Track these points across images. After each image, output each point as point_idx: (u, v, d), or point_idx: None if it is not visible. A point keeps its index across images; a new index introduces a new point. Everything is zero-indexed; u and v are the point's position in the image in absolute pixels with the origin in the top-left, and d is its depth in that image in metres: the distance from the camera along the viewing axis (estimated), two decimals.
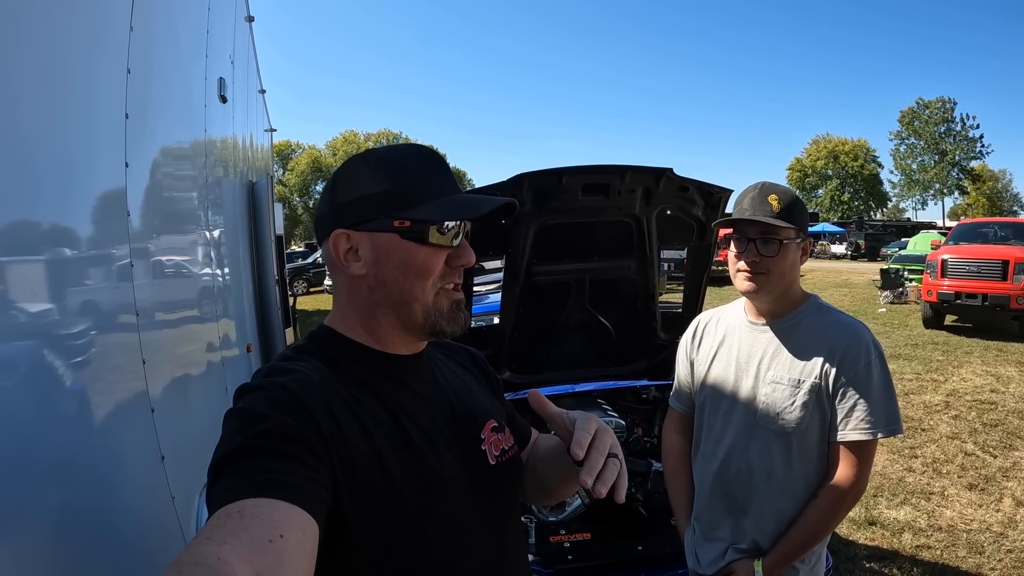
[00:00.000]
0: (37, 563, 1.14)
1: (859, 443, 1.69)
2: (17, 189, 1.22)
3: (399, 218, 1.00)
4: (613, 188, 3.21)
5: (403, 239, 1.00)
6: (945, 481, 5.20)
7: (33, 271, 1.30)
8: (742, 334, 1.88)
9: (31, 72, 1.27)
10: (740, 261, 1.76)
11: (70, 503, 1.30)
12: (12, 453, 1.11)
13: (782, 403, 1.74)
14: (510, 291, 3.44)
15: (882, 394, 1.70)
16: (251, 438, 0.81)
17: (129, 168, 1.80)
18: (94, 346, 1.58)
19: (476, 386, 1.25)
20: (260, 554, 0.67)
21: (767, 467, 1.77)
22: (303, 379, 0.93)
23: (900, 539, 4.28)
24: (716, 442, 1.88)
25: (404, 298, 1.02)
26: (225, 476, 0.78)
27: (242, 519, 0.70)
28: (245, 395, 0.91)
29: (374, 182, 1.02)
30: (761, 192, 1.75)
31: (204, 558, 0.64)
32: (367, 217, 1.01)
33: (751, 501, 1.80)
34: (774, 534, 1.78)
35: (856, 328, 1.76)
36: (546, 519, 2.79)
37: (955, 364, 9.34)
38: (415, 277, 1.01)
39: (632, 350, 3.79)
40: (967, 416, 6.84)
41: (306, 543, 0.73)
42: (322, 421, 0.88)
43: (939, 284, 11.71)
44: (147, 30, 2.02)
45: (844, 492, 1.70)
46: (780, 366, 1.77)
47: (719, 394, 1.88)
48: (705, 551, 1.91)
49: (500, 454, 1.14)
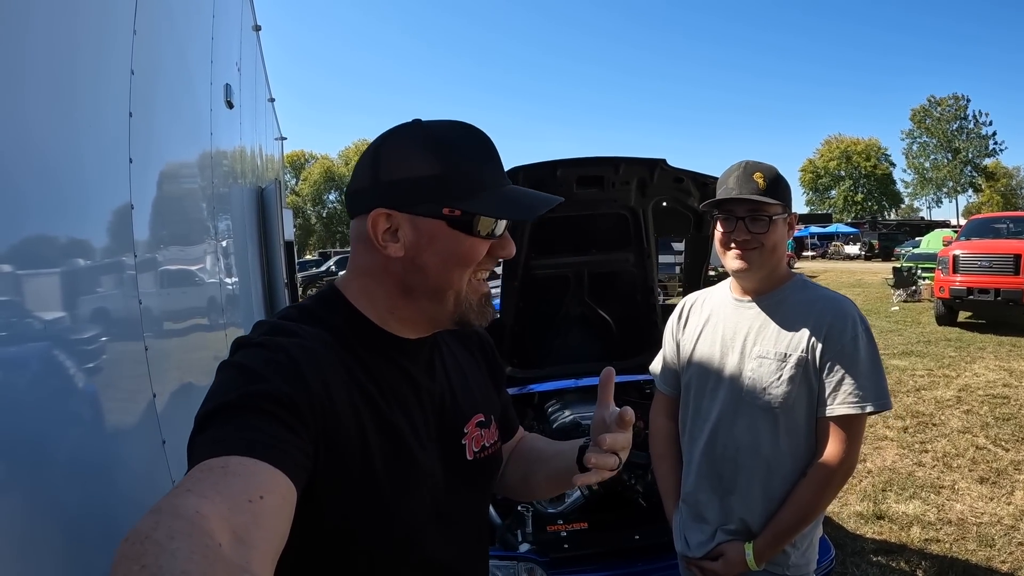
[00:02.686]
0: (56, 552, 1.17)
1: (848, 417, 1.68)
2: (24, 191, 1.24)
3: (450, 206, 0.96)
4: (608, 180, 3.23)
5: (450, 227, 0.97)
6: (956, 475, 5.16)
7: (37, 275, 1.31)
8: (727, 311, 1.88)
9: (36, 73, 1.30)
10: (730, 241, 1.77)
11: (80, 506, 1.32)
12: (25, 455, 1.13)
13: (768, 378, 1.74)
14: (509, 285, 3.46)
15: (869, 368, 1.69)
16: (244, 397, 0.80)
17: (133, 164, 1.84)
18: (100, 354, 1.60)
19: (476, 375, 1.24)
20: (238, 513, 0.66)
21: (754, 444, 1.76)
22: (304, 346, 0.92)
23: (909, 533, 4.26)
24: (703, 420, 1.87)
25: (440, 286, 1.00)
26: (212, 428, 0.78)
27: (225, 475, 0.70)
28: (244, 348, 0.91)
29: (425, 163, 0.97)
30: (745, 170, 1.76)
31: (183, 510, 0.63)
32: (415, 200, 0.97)
33: (738, 479, 1.79)
34: (762, 514, 1.77)
35: (841, 302, 1.76)
36: (545, 511, 2.81)
37: (968, 360, 9.27)
38: (455, 266, 0.99)
39: (633, 343, 3.79)
40: (979, 411, 6.78)
41: (284, 508, 0.73)
42: (315, 392, 0.87)
43: (951, 280, 11.59)
44: (151, 33, 2.07)
45: (834, 469, 1.69)
46: (766, 341, 1.77)
47: (705, 372, 1.88)
48: (693, 533, 1.89)
49: (480, 450, 1.14)
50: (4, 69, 1.18)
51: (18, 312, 1.22)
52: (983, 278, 11.21)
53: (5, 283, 1.17)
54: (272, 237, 5.50)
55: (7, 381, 1.15)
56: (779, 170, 1.79)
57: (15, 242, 1.22)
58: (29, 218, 1.28)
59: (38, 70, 1.31)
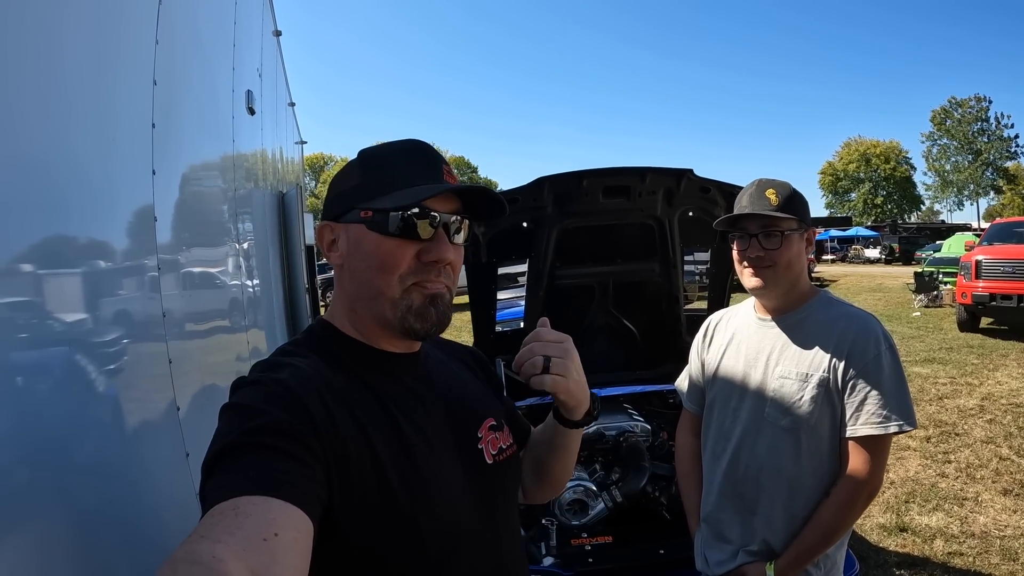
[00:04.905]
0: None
1: (871, 438, 1.65)
2: (46, 197, 1.24)
3: (365, 208, 0.99)
4: (634, 190, 3.21)
5: (369, 230, 0.99)
6: (979, 486, 5.08)
7: (60, 280, 1.31)
8: (750, 331, 1.87)
9: (63, 83, 1.31)
10: (744, 259, 1.76)
11: (98, 508, 1.32)
12: (46, 456, 1.13)
13: (790, 398, 1.72)
14: (534, 295, 3.45)
15: (893, 386, 1.66)
16: (246, 434, 0.80)
17: (156, 176, 1.85)
18: (122, 356, 1.60)
19: (476, 384, 1.24)
20: (255, 552, 0.66)
21: (776, 464, 1.74)
22: (299, 373, 0.92)
23: (932, 546, 4.19)
24: (725, 439, 1.86)
25: (371, 292, 1.01)
26: (219, 472, 0.78)
27: (236, 517, 0.70)
28: (241, 389, 0.91)
29: (353, 175, 1.05)
30: (759, 188, 1.75)
31: (199, 556, 0.63)
32: (343, 209, 1.03)
33: (760, 500, 1.77)
34: (785, 534, 1.75)
35: (865, 319, 1.74)
36: (568, 523, 2.79)
37: (991, 367, 9.14)
38: (378, 270, 0.99)
39: (658, 353, 3.77)
40: (1002, 420, 6.68)
41: (300, 541, 0.73)
42: (317, 416, 0.87)
43: (973, 286, 11.44)
44: (173, 43, 2.08)
45: (857, 490, 1.66)
46: (788, 360, 1.75)
47: (728, 391, 1.87)
48: (714, 552, 1.88)
49: (497, 452, 1.13)
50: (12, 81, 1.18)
51: (40, 324, 1.23)
52: (1006, 284, 11.06)
53: (24, 299, 1.17)
54: (293, 241, 5.52)
55: (33, 386, 1.16)
56: (793, 186, 1.77)
57: (27, 264, 1.21)
58: (38, 240, 1.25)
59: (52, 82, 1.31)
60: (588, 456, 3.14)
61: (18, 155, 1.14)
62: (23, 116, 1.16)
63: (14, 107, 1.12)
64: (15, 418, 1.04)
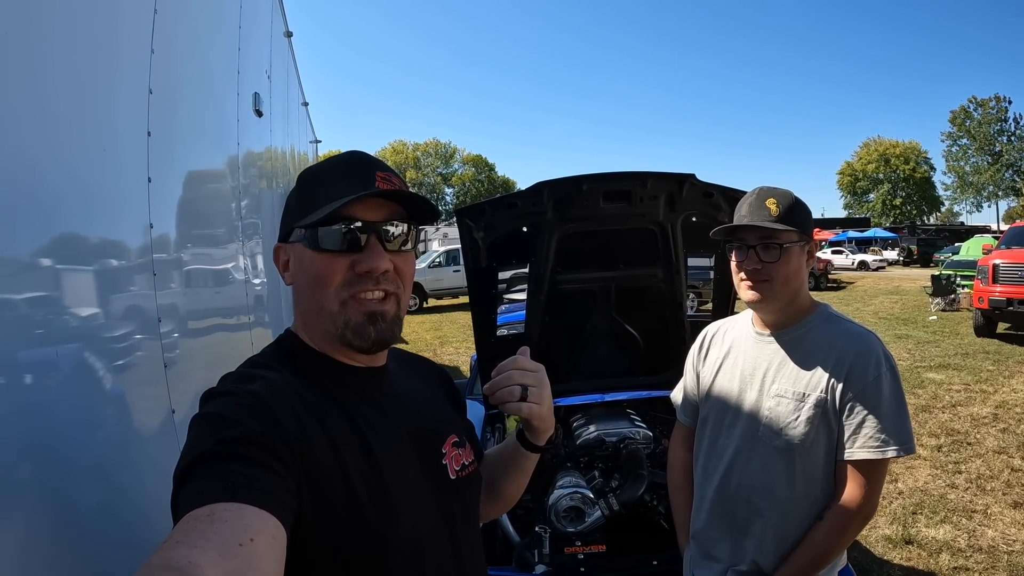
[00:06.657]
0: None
1: (868, 462, 1.62)
2: (40, 204, 1.25)
3: (299, 226, 1.02)
4: (635, 195, 3.19)
5: (306, 248, 1.01)
6: (989, 498, 5.01)
7: (55, 285, 1.31)
8: (748, 345, 1.83)
9: (54, 90, 1.31)
10: (741, 270, 1.71)
11: (100, 506, 1.34)
12: (42, 457, 1.14)
13: (786, 418, 1.68)
14: (535, 299, 3.44)
15: (893, 409, 1.62)
16: (220, 443, 0.81)
17: (152, 183, 1.85)
18: (119, 358, 1.61)
19: (437, 400, 1.27)
20: (231, 557, 0.67)
21: (768, 485, 1.71)
22: (270, 385, 0.94)
23: (937, 560, 4.13)
24: (718, 457, 1.82)
25: (314, 307, 1.03)
26: (193, 480, 0.78)
27: (211, 522, 0.70)
28: (213, 399, 0.92)
29: (293, 195, 1.08)
30: (759, 197, 1.70)
31: (175, 561, 0.64)
32: (287, 229, 1.07)
33: (751, 520, 1.74)
34: (775, 556, 1.71)
35: (866, 338, 1.69)
36: (564, 530, 2.78)
37: (1006, 374, 9.00)
38: (315, 285, 1.01)
39: (661, 359, 3.75)
40: (1016, 429, 6.58)
41: (275, 547, 0.74)
42: (289, 428, 0.88)
43: (991, 290, 11.27)
44: (170, 51, 2.08)
45: (851, 514, 1.63)
46: (785, 379, 1.71)
47: (722, 407, 1.83)
48: (702, 570, 1.85)
49: (460, 468, 1.16)
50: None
51: (36, 329, 1.23)
52: None
53: (19, 304, 1.18)
54: None
55: (42, 384, 1.19)
56: (796, 195, 1.72)
57: (27, 276, 1.22)
58: (33, 253, 1.26)
59: (47, 91, 1.31)
60: (587, 463, 3.13)
61: (15, 159, 1.15)
62: (17, 123, 1.16)
63: (10, 114, 1.13)
64: (11, 420, 1.05)
